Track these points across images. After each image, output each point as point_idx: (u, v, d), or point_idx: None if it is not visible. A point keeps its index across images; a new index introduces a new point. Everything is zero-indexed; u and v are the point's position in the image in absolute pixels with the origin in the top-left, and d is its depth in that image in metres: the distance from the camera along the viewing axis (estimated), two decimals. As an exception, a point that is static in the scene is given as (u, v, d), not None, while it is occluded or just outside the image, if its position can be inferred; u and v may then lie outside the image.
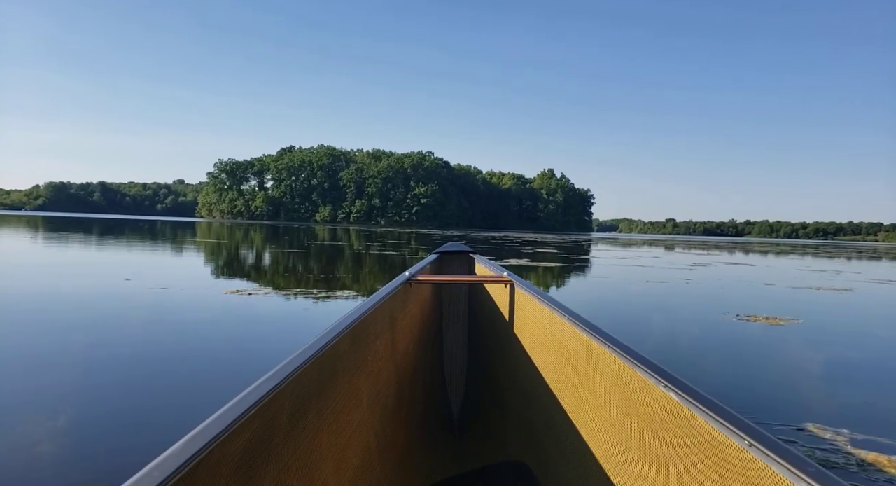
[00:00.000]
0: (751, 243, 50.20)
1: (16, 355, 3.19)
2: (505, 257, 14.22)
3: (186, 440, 0.65)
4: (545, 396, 1.46)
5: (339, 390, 1.11)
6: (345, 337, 1.15)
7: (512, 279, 1.87)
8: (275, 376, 0.85)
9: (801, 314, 5.93)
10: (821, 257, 23.79)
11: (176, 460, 0.61)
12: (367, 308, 1.35)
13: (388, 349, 1.54)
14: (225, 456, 0.70)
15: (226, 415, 0.72)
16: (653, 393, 0.91)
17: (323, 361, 1.02)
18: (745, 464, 0.69)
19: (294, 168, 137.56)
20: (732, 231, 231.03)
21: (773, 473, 0.64)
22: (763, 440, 0.67)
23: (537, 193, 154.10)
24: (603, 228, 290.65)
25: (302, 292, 6.05)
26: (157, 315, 4.50)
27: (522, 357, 1.68)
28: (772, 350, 4.09)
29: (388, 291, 1.60)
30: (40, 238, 16.10)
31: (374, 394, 1.35)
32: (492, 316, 2.09)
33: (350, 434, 1.15)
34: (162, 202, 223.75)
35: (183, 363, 3.14)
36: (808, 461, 0.62)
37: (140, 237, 18.65)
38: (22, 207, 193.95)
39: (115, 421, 2.24)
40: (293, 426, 0.89)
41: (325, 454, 1.01)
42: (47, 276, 6.92)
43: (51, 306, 4.78)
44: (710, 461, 0.76)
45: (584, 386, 1.20)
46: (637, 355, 0.99)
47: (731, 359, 3.76)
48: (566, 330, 1.32)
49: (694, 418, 0.79)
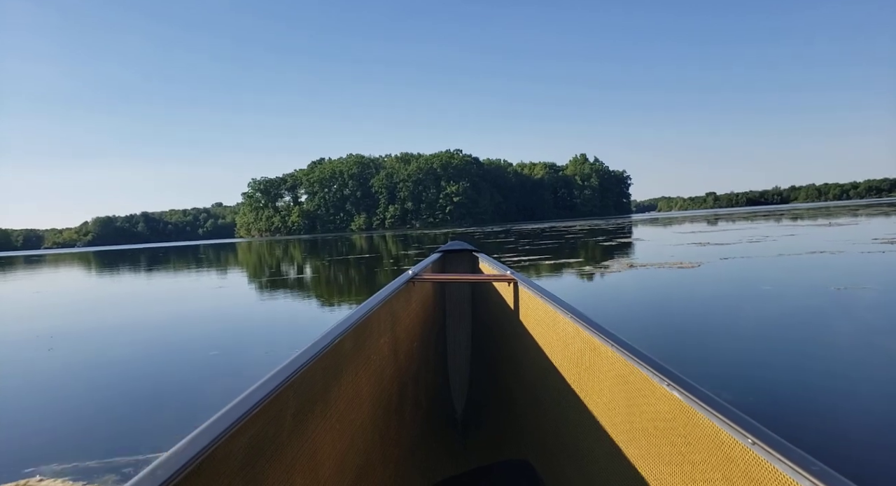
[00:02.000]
0: (799, 208, 46.76)
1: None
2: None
3: (191, 439, 0.66)
4: (548, 394, 1.45)
5: (343, 388, 1.12)
6: (348, 336, 1.16)
7: (515, 278, 1.82)
8: (279, 374, 0.86)
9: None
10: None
11: (181, 458, 0.62)
12: (370, 307, 1.35)
13: (391, 348, 1.53)
14: (229, 454, 0.70)
15: (230, 413, 0.72)
16: (656, 391, 0.90)
17: (326, 360, 1.03)
18: (748, 462, 0.69)
19: (325, 180, 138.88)
20: (777, 199, 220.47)
21: (776, 471, 0.64)
22: (767, 439, 0.67)
23: (571, 180, 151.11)
24: (641, 208, 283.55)
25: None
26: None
27: (525, 356, 1.67)
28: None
29: (391, 289, 1.59)
30: (138, 276, 15.74)
31: (376, 393, 1.35)
32: (495, 315, 2.07)
33: (353, 433, 1.16)
34: (203, 226, 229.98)
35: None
36: (812, 460, 0.62)
37: (215, 265, 18.31)
38: (74, 244, 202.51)
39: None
40: (297, 425, 0.90)
41: (329, 452, 1.02)
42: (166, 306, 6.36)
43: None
44: (713, 459, 0.76)
45: (588, 385, 1.21)
46: (640, 354, 0.99)
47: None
48: (569, 329, 1.31)
49: (697, 416, 0.79)
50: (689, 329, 3.82)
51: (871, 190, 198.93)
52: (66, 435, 2.49)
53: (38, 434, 2.53)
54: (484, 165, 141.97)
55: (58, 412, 2.86)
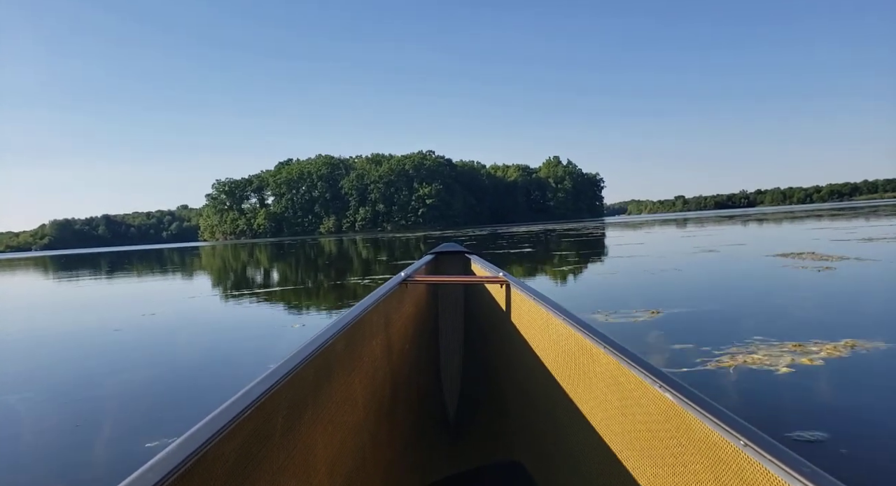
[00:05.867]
0: (766, 212, 48.53)
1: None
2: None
3: (181, 442, 0.65)
4: (541, 396, 1.45)
5: (335, 390, 1.12)
6: (340, 338, 1.16)
7: (507, 280, 1.81)
8: (270, 376, 0.86)
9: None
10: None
11: (171, 461, 0.61)
12: (363, 309, 1.36)
13: (384, 350, 1.53)
14: (220, 457, 0.70)
15: (221, 416, 0.72)
16: (648, 393, 0.90)
17: (318, 361, 1.03)
18: (740, 464, 0.69)
19: (293, 181, 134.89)
20: (744, 202, 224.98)
21: (768, 473, 0.64)
22: (758, 441, 0.67)
23: (545, 183, 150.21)
24: (610, 211, 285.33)
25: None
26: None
27: (518, 358, 1.67)
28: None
29: (384, 291, 1.59)
30: (105, 280, 13.08)
31: (369, 395, 1.35)
32: (488, 316, 2.06)
33: (345, 435, 1.16)
34: (167, 229, 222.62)
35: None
36: (803, 462, 0.62)
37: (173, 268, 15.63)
38: (30, 248, 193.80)
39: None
40: (289, 427, 0.90)
41: (321, 454, 1.02)
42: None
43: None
44: (705, 461, 0.76)
45: (580, 386, 1.21)
46: (632, 356, 0.99)
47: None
48: (562, 330, 1.31)
49: (689, 418, 0.79)
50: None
51: (833, 194, 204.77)
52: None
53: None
54: (457, 167, 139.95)
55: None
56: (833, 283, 5.28)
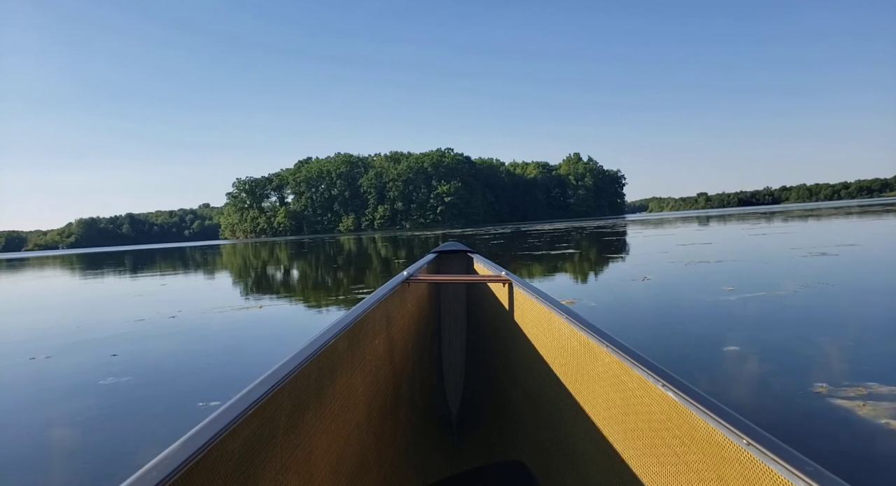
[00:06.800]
0: (803, 209, 45.39)
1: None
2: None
3: (185, 440, 0.65)
4: (544, 395, 1.45)
5: (337, 389, 1.12)
6: (343, 337, 1.16)
7: (510, 279, 1.80)
8: (273, 375, 0.86)
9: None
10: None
11: (174, 460, 0.61)
12: (365, 308, 1.35)
13: (386, 349, 1.54)
14: (223, 456, 0.70)
15: (224, 415, 0.72)
16: (651, 392, 0.90)
17: (321, 361, 1.03)
18: (743, 463, 0.69)
19: (312, 180, 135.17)
20: (769, 199, 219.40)
21: (771, 472, 0.64)
22: (761, 440, 0.67)
23: (565, 180, 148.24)
24: (631, 209, 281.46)
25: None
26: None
27: (521, 357, 1.67)
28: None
29: (386, 290, 1.59)
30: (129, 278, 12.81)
31: (371, 394, 1.35)
32: (490, 316, 2.05)
33: (348, 434, 1.16)
34: (189, 228, 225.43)
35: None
36: (806, 460, 0.62)
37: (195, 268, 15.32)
38: (57, 246, 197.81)
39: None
40: (291, 426, 0.90)
41: (323, 453, 1.01)
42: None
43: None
44: (708, 460, 0.76)
45: (583, 385, 1.21)
46: (635, 355, 0.98)
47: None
48: (564, 329, 1.31)
49: (692, 417, 0.79)
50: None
51: (861, 190, 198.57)
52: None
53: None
54: (476, 165, 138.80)
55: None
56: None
